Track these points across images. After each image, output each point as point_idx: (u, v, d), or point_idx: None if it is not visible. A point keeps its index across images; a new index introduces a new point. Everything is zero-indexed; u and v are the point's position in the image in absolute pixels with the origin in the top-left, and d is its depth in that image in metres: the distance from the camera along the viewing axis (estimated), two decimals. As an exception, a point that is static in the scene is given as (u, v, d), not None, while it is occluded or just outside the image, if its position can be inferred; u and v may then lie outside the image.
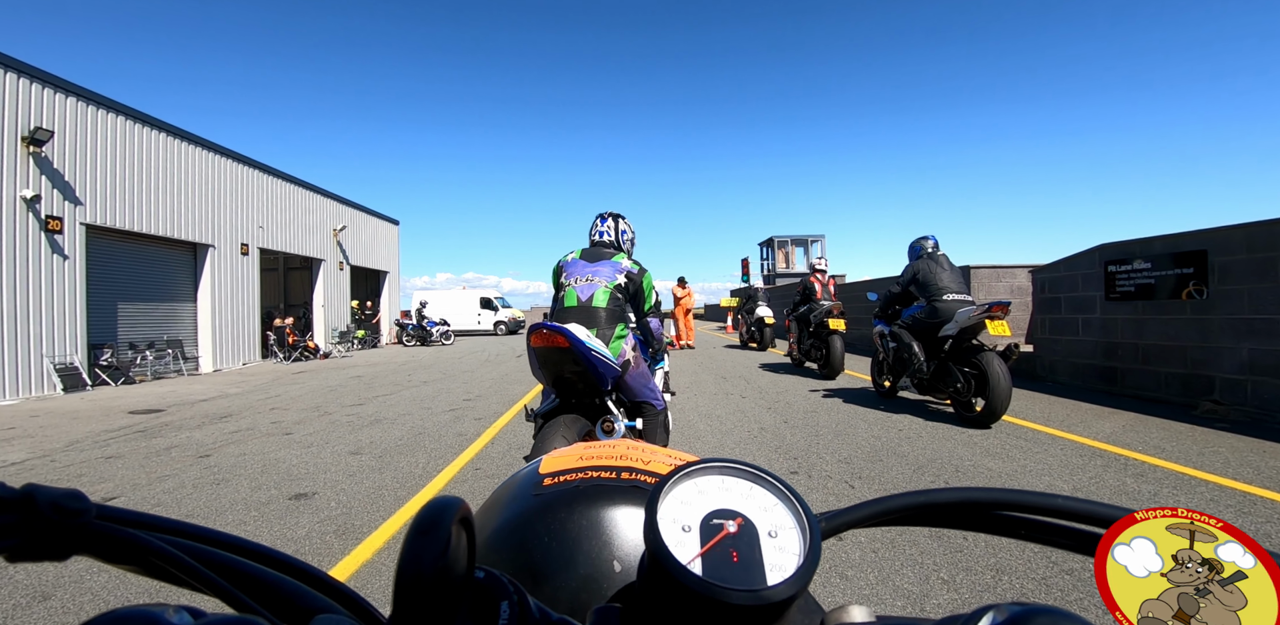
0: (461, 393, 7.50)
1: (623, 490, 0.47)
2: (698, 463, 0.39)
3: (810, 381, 7.61)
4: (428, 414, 5.98)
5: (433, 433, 5.03)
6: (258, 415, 6.27)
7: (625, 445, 0.56)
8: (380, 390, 8.03)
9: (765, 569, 0.33)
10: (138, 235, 10.64)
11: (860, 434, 4.51)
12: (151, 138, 10.90)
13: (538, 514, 0.46)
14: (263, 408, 6.78)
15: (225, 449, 4.63)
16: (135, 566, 0.27)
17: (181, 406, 7.16)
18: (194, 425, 5.83)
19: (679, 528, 0.34)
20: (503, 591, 0.32)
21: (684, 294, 14.26)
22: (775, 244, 26.08)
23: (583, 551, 0.43)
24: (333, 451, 4.44)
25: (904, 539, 2.51)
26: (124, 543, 0.26)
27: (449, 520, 0.27)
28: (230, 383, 9.74)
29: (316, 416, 6.04)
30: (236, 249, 13.02)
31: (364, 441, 4.75)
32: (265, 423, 5.80)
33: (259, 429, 5.49)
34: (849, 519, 0.40)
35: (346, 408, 6.55)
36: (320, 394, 7.85)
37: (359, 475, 3.75)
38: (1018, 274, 8.41)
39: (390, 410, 6.28)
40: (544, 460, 0.54)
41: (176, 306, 11.70)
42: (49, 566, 2.47)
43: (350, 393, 7.87)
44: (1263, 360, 4.57)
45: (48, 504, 0.24)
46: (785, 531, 0.35)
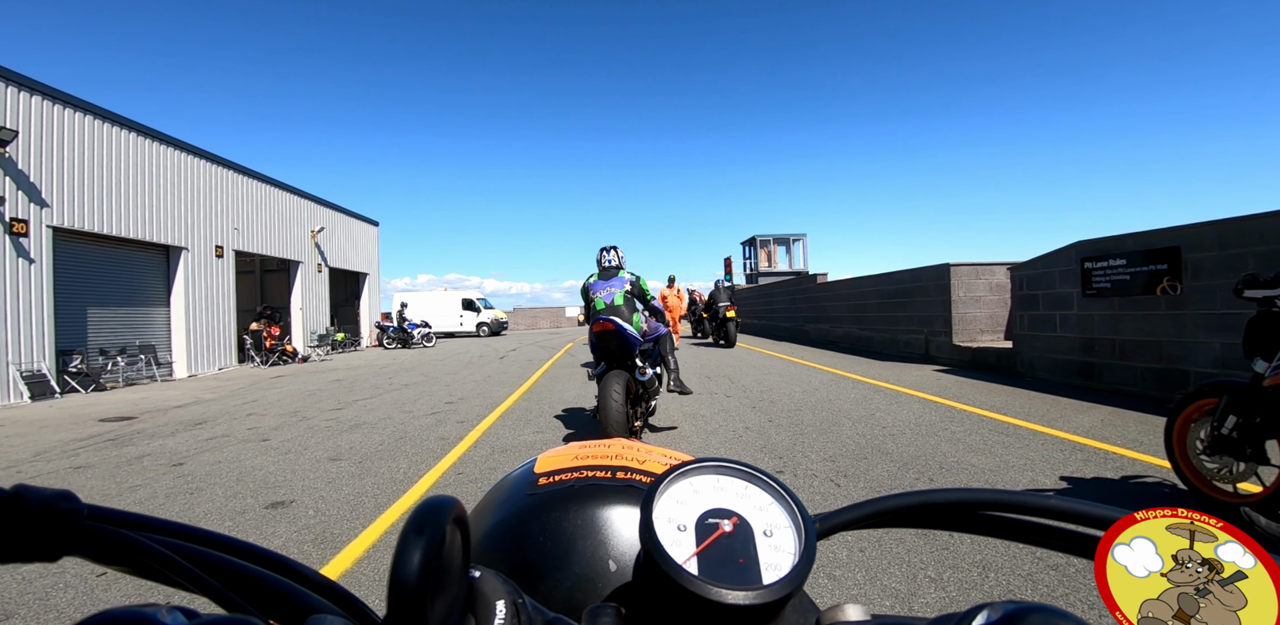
0: (444, 395, 7.41)
1: (618, 490, 0.47)
2: (693, 462, 0.39)
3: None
4: (409, 418, 5.89)
5: (414, 437, 4.95)
6: (233, 421, 6.14)
7: (621, 445, 0.56)
8: (360, 394, 7.90)
9: (761, 568, 0.33)
10: (108, 238, 10.37)
11: (845, 432, 4.53)
12: (122, 138, 10.63)
13: (533, 513, 0.46)
14: (239, 413, 6.64)
15: (199, 457, 4.51)
16: (127, 567, 0.27)
17: (154, 413, 6.99)
18: (167, 433, 5.69)
19: (674, 527, 0.34)
20: (498, 591, 0.31)
21: (670, 294, 13.67)
22: (758, 243, 26.22)
23: (578, 551, 0.43)
24: (311, 458, 4.35)
25: (891, 537, 2.51)
26: (116, 543, 0.26)
27: (444, 519, 0.27)
28: (206, 388, 9.54)
29: (294, 422, 5.93)
30: (211, 251, 12.75)
31: (343, 447, 4.66)
32: (241, 429, 5.67)
33: (235, 435, 5.37)
34: (844, 519, 0.39)
35: (325, 412, 6.43)
36: (299, 398, 7.71)
37: (338, 482, 3.67)
38: (996, 272, 8.51)
39: (370, 414, 6.18)
40: (539, 460, 0.54)
41: (149, 311, 11.42)
42: (10, 583, 2.38)
43: (330, 397, 7.74)
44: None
45: (38, 504, 0.23)
46: (780, 531, 0.35)
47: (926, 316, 9.24)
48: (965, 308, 8.56)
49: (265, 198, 15.13)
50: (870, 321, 11.40)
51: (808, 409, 5.51)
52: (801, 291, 15.67)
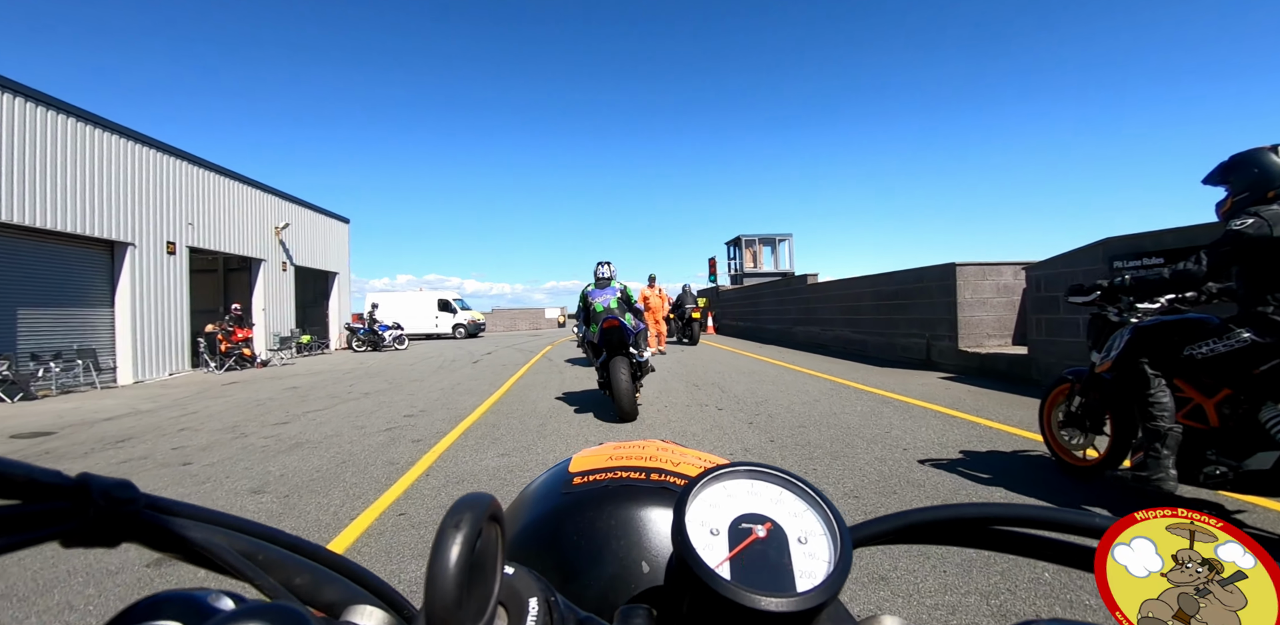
0: (404, 406, 6.68)
1: (652, 491, 0.47)
2: (727, 466, 0.38)
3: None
4: (359, 435, 5.18)
5: (359, 460, 4.25)
6: (160, 439, 5.38)
7: (655, 446, 0.55)
8: (314, 404, 7.15)
9: (795, 575, 0.32)
10: (43, 232, 9.47)
11: (861, 455, 3.91)
12: (60, 124, 9.74)
13: (567, 512, 0.46)
14: (170, 429, 5.87)
15: (95, 488, 3.78)
16: (180, 554, 0.28)
17: (77, 428, 6.19)
18: (80, 452, 4.94)
19: (707, 531, 0.34)
20: (531, 588, 0.31)
21: (651, 294, 12.31)
22: (743, 243, 25.48)
23: (611, 551, 0.42)
24: (230, 489, 3.64)
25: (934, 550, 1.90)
26: (170, 533, 0.27)
27: (480, 515, 0.27)
28: (148, 397, 8.70)
29: (229, 439, 5.19)
30: (161, 247, 11.85)
31: (273, 474, 3.95)
32: (165, 449, 4.92)
33: (155, 457, 4.63)
34: (875, 531, 0.38)
35: (268, 427, 5.69)
36: (244, 409, 6.94)
37: (250, 526, 2.97)
38: (1004, 272, 7.99)
39: (317, 430, 5.45)
40: (574, 459, 0.54)
41: (90, 311, 10.51)
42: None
43: (278, 407, 6.97)
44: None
45: (100, 492, 0.24)
46: (815, 538, 0.34)
47: (929, 319, 8.69)
48: (971, 310, 8.01)
49: (224, 191, 14.22)
50: (865, 325, 10.85)
51: (812, 425, 4.89)
52: (791, 292, 15.09)
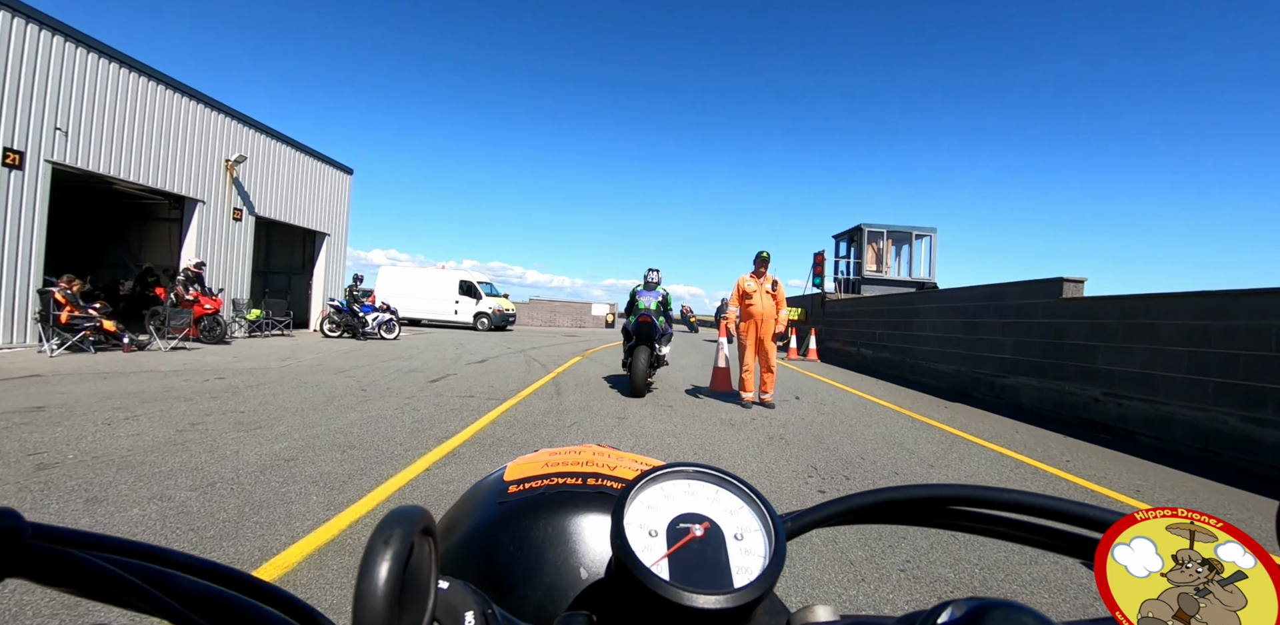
0: (312, 473, 3.07)
1: (588, 496, 0.46)
2: (664, 467, 0.38)
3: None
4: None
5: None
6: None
7: (591, 450, 0.55)
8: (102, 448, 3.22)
9: (732, 571, 0.33)
10: None
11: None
12: None
13: (502, 522, 0.45)
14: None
15: None
16: (74, 588, 0.25)
17: None
18: None
19: (645, 532, 0.34)
20: (467, 602, 0.31)
21: (755, 287, 6.52)
22: (865, 236, 17.50)
23: (548, 559, 0.42)
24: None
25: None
26: (63, 563, 0.24)
27: (411, 530, 0.26)
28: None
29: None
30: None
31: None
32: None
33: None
34: (813, 518, 0.39)
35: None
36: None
37: None
38: None
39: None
40: (509, 467, 0.52)
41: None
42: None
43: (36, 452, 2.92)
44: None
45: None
46: (751, 534, 0.35)
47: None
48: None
49: (139, 96, 10.20)
50: (1119, 379, 5.94)
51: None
52: (944, 312, 9.78)
